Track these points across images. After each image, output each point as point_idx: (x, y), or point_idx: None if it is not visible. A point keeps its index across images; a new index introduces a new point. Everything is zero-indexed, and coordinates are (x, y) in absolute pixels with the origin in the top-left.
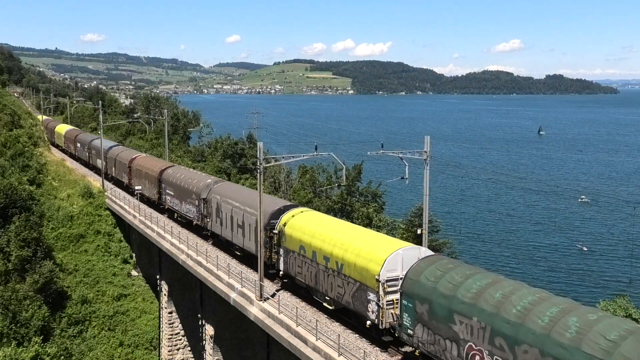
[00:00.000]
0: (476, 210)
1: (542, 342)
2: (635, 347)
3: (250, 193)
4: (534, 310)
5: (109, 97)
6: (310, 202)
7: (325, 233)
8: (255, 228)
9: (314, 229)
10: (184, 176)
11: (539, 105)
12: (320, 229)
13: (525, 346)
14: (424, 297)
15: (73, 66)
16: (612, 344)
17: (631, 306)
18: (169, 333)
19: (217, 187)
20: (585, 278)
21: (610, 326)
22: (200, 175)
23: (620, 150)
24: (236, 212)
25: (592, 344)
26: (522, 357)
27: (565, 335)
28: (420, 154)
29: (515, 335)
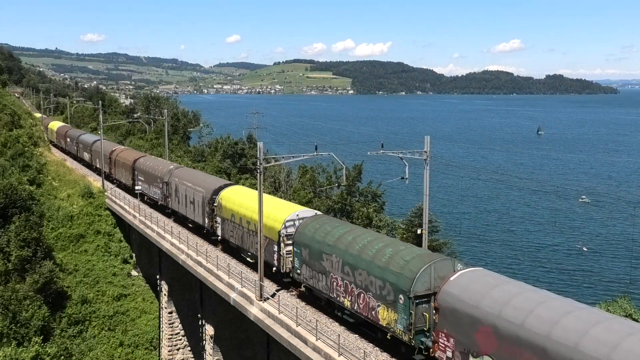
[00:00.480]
0: (476, 210)
1: (369, 266)
2: (418, 264)
3: (200, 175)
4: (368, 247)
5: (109, 97)
6: (310, 202)
7: (247, 203)
8: (202, 203)
9: (241, 200)
10: (152, 164)
11: (539, 105)
12: (245, 200)
13: (360, 270)
14: (307, 244)
15: (73, 66)
16: (405, 262)
17: (631, 307)
18: (169, 333)
19: (176, 172)
20: (586, 278)
21: (408, 252)
22: (165, 162)
23: (619, 151)
24: (189, 191)
25: (395, 264)
26: (358, 278)
27: (382, 260)
28: (420, 154)
29: (355, 264)
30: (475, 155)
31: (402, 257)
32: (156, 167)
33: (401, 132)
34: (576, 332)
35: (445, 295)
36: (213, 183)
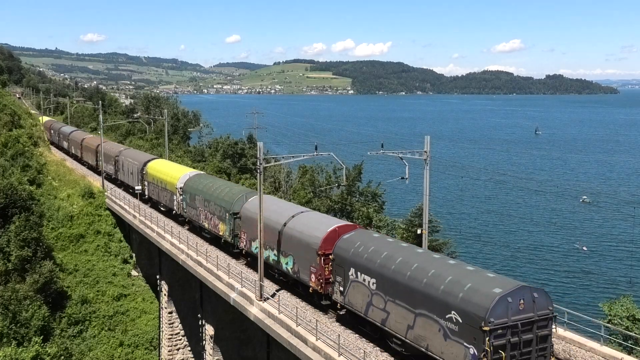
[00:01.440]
0: (476, 210)
1: (215, 199)
2: (236, 194)
3: (137, 153)
4: (217, 189)
5: (109, 97)
6: (310, 201)
7: (163, 169)
8: (136, 172)
9: (159, 168)
10: (109, 147)
11: (539, 105)
12: (162, 168)
13: (212, 202)
14: (189, 192)
15: (73, 66)
16: (231, 194)
17: (634, 307)
18: (169, 333)
19: (124, 152)
20: (587, 278)
21: (235, 190)
22: (117, 145)
23: (619, 151)
24: (130, 165)
25: (227, 195)
26: (210, 207)
27: (221, 194)
28: (420, 154)
29: (209, 199)
30: (474, 155)
31: (230, 192)
32: (111, 150)
33: (401, 132)
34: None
35: (244, 210)
36: (143, 157)
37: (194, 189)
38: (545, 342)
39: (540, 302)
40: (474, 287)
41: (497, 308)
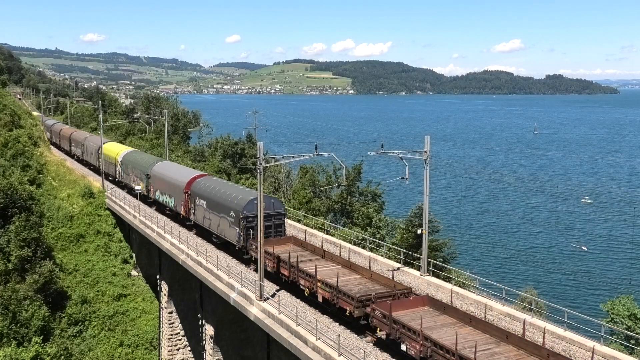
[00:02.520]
0: (476, 210)
1: (139, 166)
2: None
3: (96, 138)
4: (142, 160)
5: (109, 97)
6: (310, 201)
7: (111, 149)
8: (95, 153)
9: (109, 147)
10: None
11: (539, 105)
12: (111, 147)
13: (137, 169)
14: (125, 164)
15: (73, 66)
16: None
17: (634, 306)
18: (169, 333)
19: (88, 137)
20: (587, 279)
21: (149, 158)
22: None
23: (618, 151)
24: (91, 147)
25: (143, 162)
26: (136, 173)
27: (144, 162)
28: (420, 154)
29: (135, 167)
30: (474, 155)
31: (147, 161)
32: (79, 137)
33: (401, 132)
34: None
35: (152, 171)
36: (100, 141)
37: (128, 161)
38: (280, 228)
39: (276, 205)
40: (240, 197)
41: (247, 206)
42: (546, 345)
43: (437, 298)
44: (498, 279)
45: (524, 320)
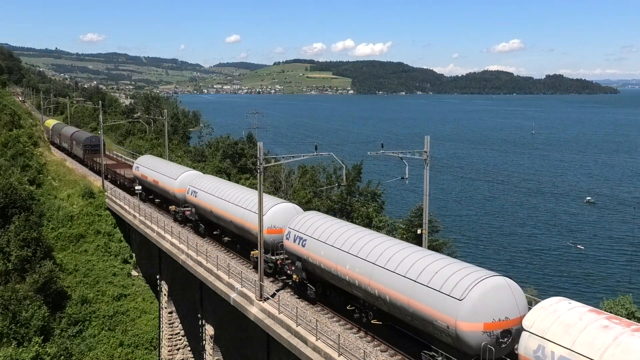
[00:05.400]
0: (476, 210)
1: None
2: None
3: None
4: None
5: (109, 97)
6: (310, 201)
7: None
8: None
9: (50, 122)
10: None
11: (538, 105)
12: (50, 122)
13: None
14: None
15: (73, 66)
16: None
17: (633, 305)
18: (169, 333)
19: (75, 134)
20: (587, 279)
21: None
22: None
23: (616, 151)
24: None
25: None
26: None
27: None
28: (420, 154)
29: (73, 139)
30: (474, 155)
31: (83, 134)
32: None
33: (401, 132)
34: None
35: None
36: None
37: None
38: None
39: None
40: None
41: (88, 139)
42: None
43: None
44: None
45: None
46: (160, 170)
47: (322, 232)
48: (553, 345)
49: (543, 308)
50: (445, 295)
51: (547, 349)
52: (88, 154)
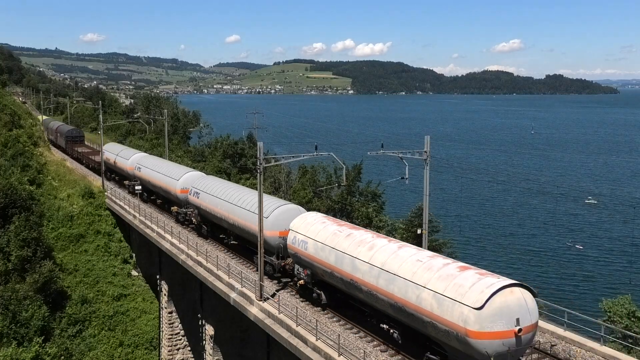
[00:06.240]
0: (476, 210)
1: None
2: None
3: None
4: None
5: (109, 97)
6: (310, 202)
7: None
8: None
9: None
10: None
11: (538, 105)
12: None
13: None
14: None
15: (73, 66)
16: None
17: (632, 305)
18: (169, 333)
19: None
20: (587, 279)
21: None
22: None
23: (615, 151)
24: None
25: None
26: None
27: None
28: (420, 154)
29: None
30: (474, 155)
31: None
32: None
33: (401, 132)
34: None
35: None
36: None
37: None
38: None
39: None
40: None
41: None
42: (545, 346)
43: None
44: None
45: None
46: (118, 153)
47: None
48: (299, 234)
49: (300, 217)
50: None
51: (297, 237)
52: (69, 144)
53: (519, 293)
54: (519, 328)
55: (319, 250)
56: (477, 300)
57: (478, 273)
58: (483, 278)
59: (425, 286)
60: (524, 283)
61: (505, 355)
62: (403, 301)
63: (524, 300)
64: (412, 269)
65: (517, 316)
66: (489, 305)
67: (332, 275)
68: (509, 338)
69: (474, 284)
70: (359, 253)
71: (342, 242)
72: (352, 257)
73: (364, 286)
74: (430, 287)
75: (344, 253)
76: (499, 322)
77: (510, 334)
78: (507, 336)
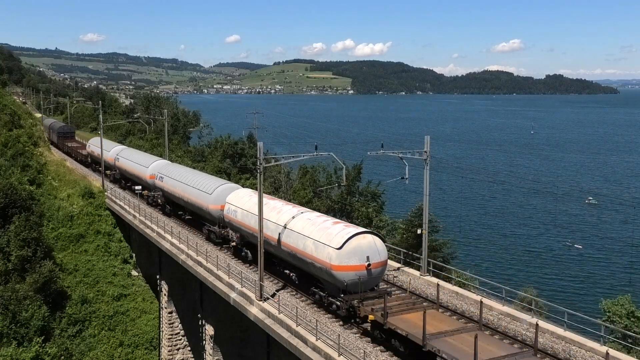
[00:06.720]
0: (476, 210)
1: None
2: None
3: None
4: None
5: (109, 97)
6: (310, 201)
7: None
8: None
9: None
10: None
11: (538, 105)
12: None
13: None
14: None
15: (73, 66)
16: None
17: (631, 305)
18: (169, 333)
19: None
20: (587, 279)
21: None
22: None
23: (615, 151)
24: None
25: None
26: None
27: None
28: (420, 154)
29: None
30: (474, 155)
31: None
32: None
33: (401, 132)
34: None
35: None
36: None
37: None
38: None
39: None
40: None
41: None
42: (546, 346)
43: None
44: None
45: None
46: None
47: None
48: (232, 206)
49: (234, 192)
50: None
51: (230, 208)
52: (61, 139)
53: (370, 238)
54: (369, 263)
55: (245, 216)
56: (338, 243)
57: (345, 226)
58: (346, 229)
59: (309, 236)
60: (375, 231)
61: (358, 284)
62: (296, 249)
63: (374, 243)
64: (302, 225)
65: (368, 254)
66: (346, 246)
67: (253, 236)
68: (361, 270)
69: (338, 232)
70: (270, 217)
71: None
72: (265, 220)
73: (272, 241)
74: (312, 236)
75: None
76: (353, 258)
77: (362, 268)
78: (360, 269)
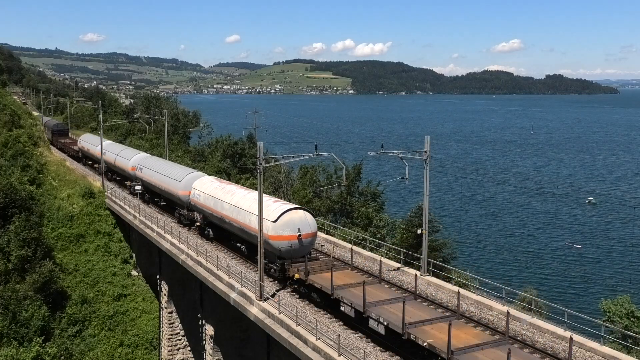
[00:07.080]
0: (476, 210)
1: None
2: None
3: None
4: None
5: (109, 97)
6: (310, 202)
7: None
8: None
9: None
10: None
11: (538, 105)
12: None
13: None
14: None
15: (73, 66)
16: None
17: (631, 305)
18: (169, 333)
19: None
20: (587, 279)
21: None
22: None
23: (615, 151)
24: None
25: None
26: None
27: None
28: (420, 154)
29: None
30: (474, 155)
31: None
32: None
33: (401, 132)
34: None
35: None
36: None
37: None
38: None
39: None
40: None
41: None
42: (545, 346)
43: (437, 298)
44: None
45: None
46: (91, 142)
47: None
48: (197, 191)
49: (199, 179)
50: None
51: (195, 192)
52: (55, 136)
53: (301, 213)
54: (299, 234)
55: (207, 199)
56: (274, 217)
57: (282, 203)
58: (282, 205)
59: (253, 212)
60: (305, 208)
61: (290, 251)
62: (244, 224)
63: (305, 217)
64: (248, 203)
65: (299, 226)
66: (280, 220)
67: (213, 216)
68: (293, 240)
69: (275, 208)
70: (225, 198)
71: (219, 193)
72: (221, 201)
73: (226, 219)
74: (255, 212)
75: (217, 199)
76: (286, 229)
77: (293, 238)
78: (292, 239)
